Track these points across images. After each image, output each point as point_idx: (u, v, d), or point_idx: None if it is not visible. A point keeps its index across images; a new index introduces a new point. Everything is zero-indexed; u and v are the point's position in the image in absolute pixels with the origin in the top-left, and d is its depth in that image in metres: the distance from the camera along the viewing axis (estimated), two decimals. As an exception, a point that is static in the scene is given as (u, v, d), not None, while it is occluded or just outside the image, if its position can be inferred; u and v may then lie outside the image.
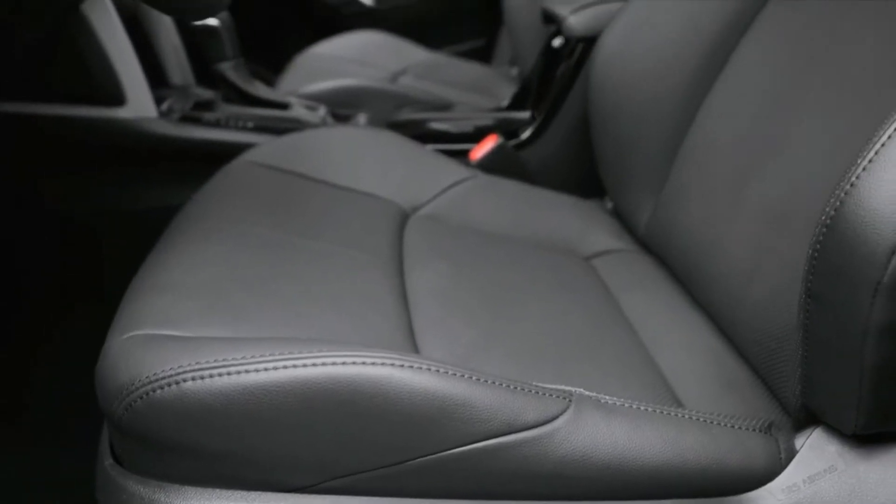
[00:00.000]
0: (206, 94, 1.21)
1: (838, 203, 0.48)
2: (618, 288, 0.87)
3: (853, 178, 0.47)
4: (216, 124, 1.13)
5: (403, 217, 0.91)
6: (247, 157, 0.94)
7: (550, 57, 1.14)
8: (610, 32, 0.98)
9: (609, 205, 1.05)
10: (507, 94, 1.44)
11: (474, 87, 1.66)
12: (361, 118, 1.20)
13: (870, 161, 0.47)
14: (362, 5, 2.00)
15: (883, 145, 0.47)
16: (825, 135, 0.69)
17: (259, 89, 1.21)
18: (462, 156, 1.11)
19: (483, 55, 2.11)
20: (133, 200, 1.17)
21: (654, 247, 0.92)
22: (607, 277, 0.89)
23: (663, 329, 0.80)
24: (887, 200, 0.45)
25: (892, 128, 0.47)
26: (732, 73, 0.85)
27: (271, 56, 1.96)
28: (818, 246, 0.49)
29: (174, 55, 1.25)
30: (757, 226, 0.72)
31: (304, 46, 1.80)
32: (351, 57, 1.72)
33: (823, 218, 0.49)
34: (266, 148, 0.96)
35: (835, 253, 0.48)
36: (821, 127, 0.69)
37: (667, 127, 0.90)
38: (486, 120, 1.20)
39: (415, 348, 0.66)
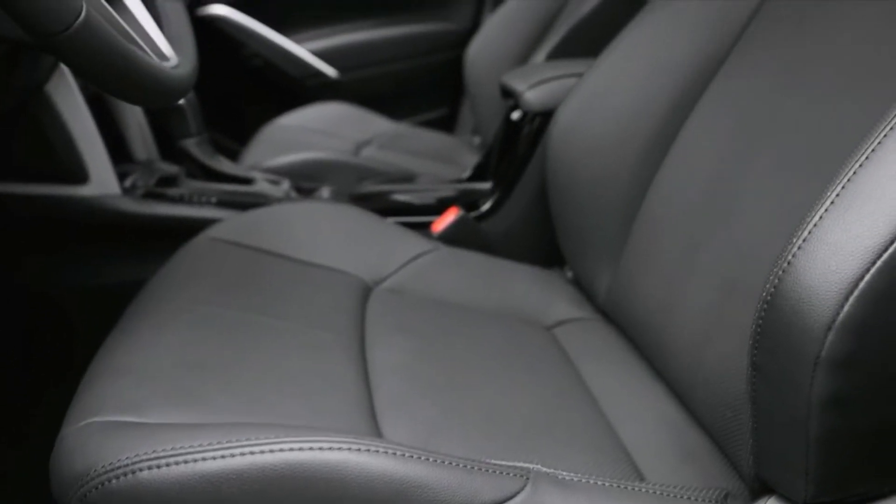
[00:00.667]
0: (170, 169, 1.22)
1: (777, 280, 0.50)
2: (579, 357, 0.88)
3: (789, 257, 0.49)
4: (180, 200, 1.13)
5: (366, 291, 0.92)
6: (209, 233, 0.94)
7: (510, 129, 1.18)
8: (565, 107, 1.02)
9: (569, 274, 1.07)
10: (469, 162, 1.47)
11: (437, 157, 1.69)
12: (325, 191, 1.22)
13: (804, 240, 0.49)
14: (327, 77, 2.05)
15: (815, 225, 0.49)
16: (768, 206, 0.71)
17: (223, 164, 1.22)
18: (425, 228, 1.13)
19: (446, 124, 2.16)
20: (97, 276, 1.17)
21: (614, 315, 0.93)
22: (568, 346, 0.90)
23: (624, 399, 0.81)
24: (822, 278, 0.47)
25: (822, 208, 0.49)
26: (683, 146, 0.88)
27: (237, 127, 1.99)
28: (760, 321, 0.51)
29: (138, 131, 1.26)
30: (708, 295, 0.74)
31: (270, 118, 1.83)
32: (316, 128, 1.75)
33: (764, 294, 0.51)
34: (229, 224, 0.97)
35: (775, 328, 0.50)
36: (765, 199, 0.72)
37: (622, 198, 0.93)
38: (447, 191, 1.22)
39: (376, 428, 0.66)
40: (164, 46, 0.70)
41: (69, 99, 1.06)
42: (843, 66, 0.71)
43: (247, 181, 1.20)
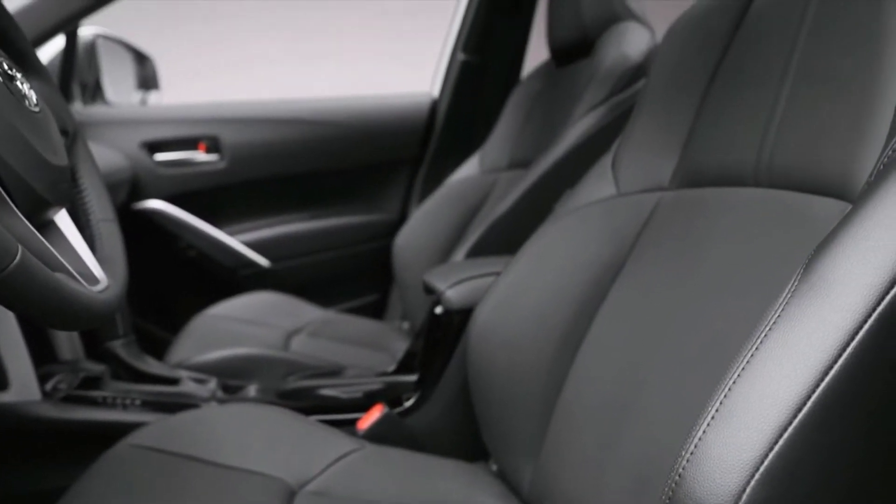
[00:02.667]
0: (95, 368, 1.21)
1: (670, 492, 0.53)
2: (504, 557, 0.88)
3: (680, 470, 0.53)
4: (103, 403, 1.13)
5: (290, 494, 0.91)
6: (131, 439, 0.94)
7: (433, 324, 1.22)
8: (483, 305, 1.07)
9: (494, 467, 1.08)
10: (399, 348, 1.50)
11: (367, 344, 1.72)
12: (252, 389, 1.22)
13: (691, 454, 0.53)
14: (259, 267, 2.10)
15: (700, 439, 0.53)
16: (671, 404, 0.76)
17: (149, 365, 1.23)
18: (351, 424, 1.14)
19: (376, 310, 2.21)
20: (17, 485, 1.12)
21: (538, 509, 0.95)
22: (493, 546, 0.91)
23: None
24: (708, 491, 0.51)
25: (705, 423, 0.54)
26: (592, 344, 0.94)
27: (171, 318, 1.99)
28: (660, 530, 0.54)
29: (64, 332, 1.26)
30: (623, 491, 0.76)
31: (204, 307, 1.85)
32: (246, 318, 1.77)
33: (660, 505, 0.54)
34: (151, 429, 0.96)
35: (673, 539, 0.53)
36: (667, 396, 0.77)
37: (539, 393, 0.97)
38: (374, 385, 1.24)
39: None
40: (94, 269, 0.73)
41: (-5, 306, 1.07)
42: (722, 274, 0.78)
43: (173, 381, 1.20)
